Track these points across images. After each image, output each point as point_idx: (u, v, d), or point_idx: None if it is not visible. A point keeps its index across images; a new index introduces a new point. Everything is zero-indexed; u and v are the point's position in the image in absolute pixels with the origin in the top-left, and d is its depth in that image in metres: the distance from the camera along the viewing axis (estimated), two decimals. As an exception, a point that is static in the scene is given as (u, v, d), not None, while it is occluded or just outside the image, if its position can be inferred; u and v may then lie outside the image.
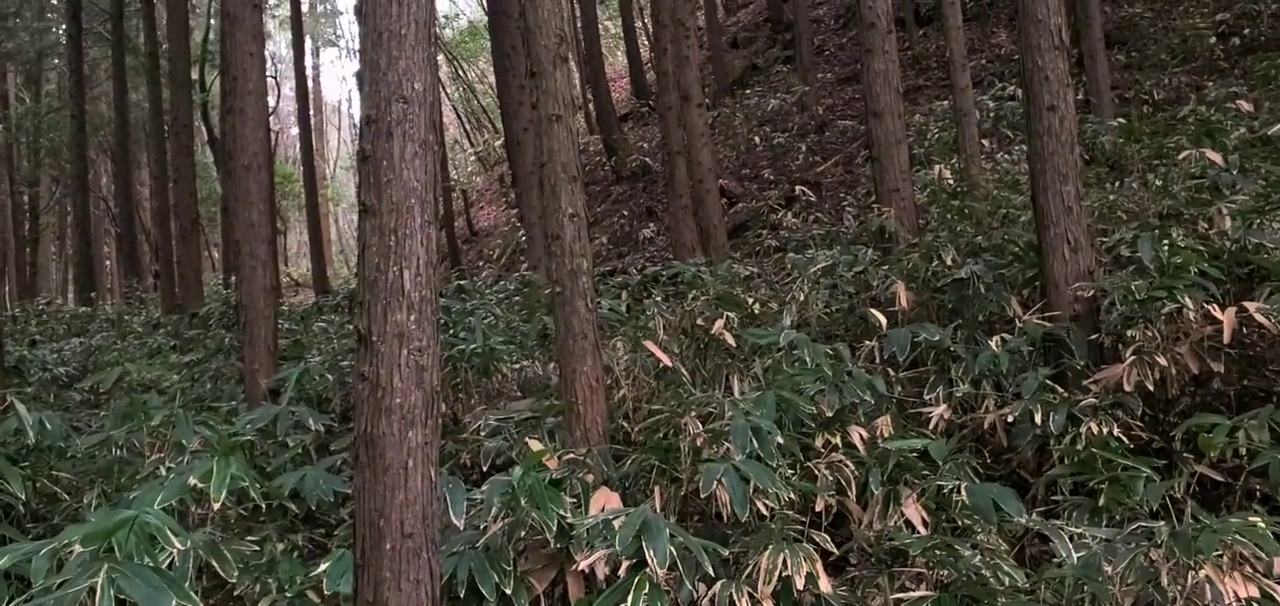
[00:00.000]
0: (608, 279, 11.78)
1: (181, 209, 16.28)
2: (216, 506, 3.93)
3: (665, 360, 6.04)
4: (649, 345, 6.16)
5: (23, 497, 4.35)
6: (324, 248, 26.21)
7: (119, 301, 24.17)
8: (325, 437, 7.05)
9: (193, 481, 3.93)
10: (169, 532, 3.29)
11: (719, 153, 18.40)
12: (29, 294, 26.96)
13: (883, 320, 6.07)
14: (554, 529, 4.43)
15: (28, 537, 5.19)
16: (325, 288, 23.40)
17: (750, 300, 6.90)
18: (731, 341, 6.19)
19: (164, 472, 5.08)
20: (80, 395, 10.27)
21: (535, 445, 5.43)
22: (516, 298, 10.80)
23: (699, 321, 6.58)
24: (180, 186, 16.25)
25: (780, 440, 4.72)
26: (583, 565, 4.38)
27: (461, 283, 11.93)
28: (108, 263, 35.17)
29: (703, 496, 4.63)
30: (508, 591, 4.39)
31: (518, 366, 7.99)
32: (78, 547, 3.24)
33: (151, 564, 3.25)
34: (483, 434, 6.28)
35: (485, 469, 5.93)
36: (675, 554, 3.95)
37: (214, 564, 3.96)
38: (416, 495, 3.53)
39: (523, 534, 4.68)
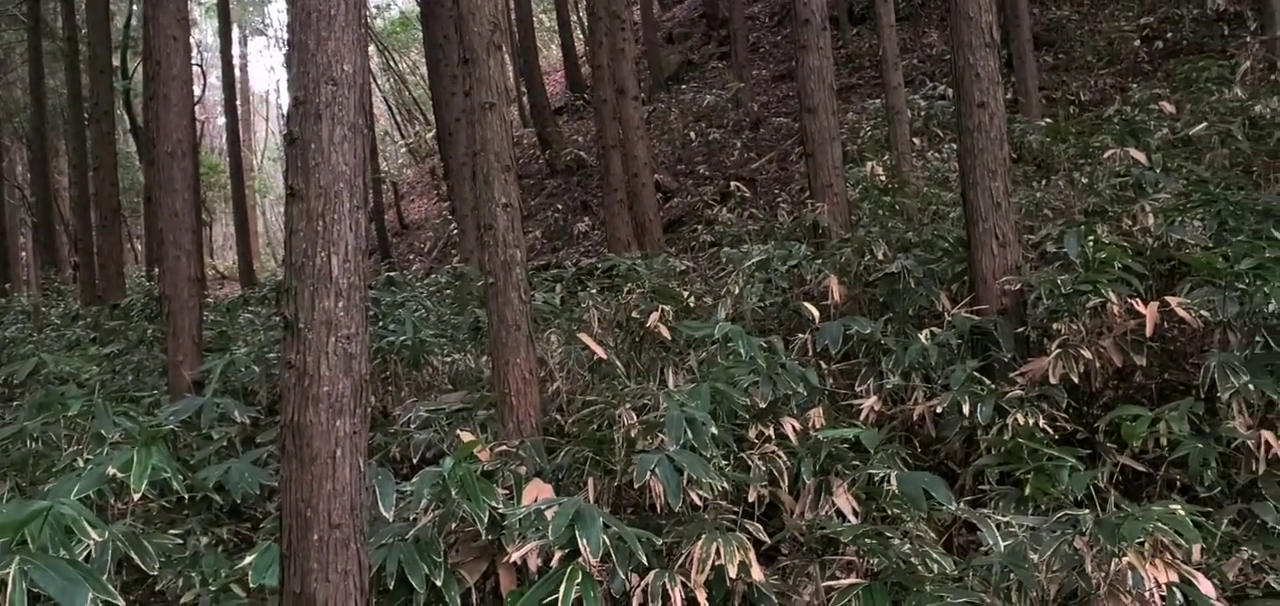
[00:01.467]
0: (542, 273, 11.71)
1: (102, 198, 15.84)
2: (137, 497, 3.81)
3: (600, 352, 6.01)
4: (583, 337, 6.13)
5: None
6: (250, 240, 25.69)
7: (35, 293, 23.42)
8: (251, 430, 6.90)
9: (112, 471, 3.80)
10: (86, 524, 3.18)
11: (655, 148, 18.42)
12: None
13: (816, 313, 6.11)
14: (485, 520, 4.38)
15: (-65, 533, 4.98)
16: (251, 280, 22.95)
17: (685, 294, 6.91)
18: (667, 334, 6.18)
19: (81, 465, 4.92)
20: (-6, 387, 9.93)
21: (466, 437, 5.37)
22: (448, 291, 10.68)
23: (634, 314, 6.57)
24: (101, 175, 15.80)
25: (714, 431, 4.72)
26: (515, 556, 4.33)
27: (392, 274, 11.78)
28: (23, 254, 34.08)
29: (636, 487, 4.61)
30: (438, 583, 4.33)
31: (449, 359, 7.90)
32: (-12, 539, 3.12)
33: (67, 556, 3.15)
34: (413, 426, 6.20)
35: (415, 461, 5.86)
36: (608, 543, 3.93)
37: (134, 556, 3.84)
38: (345, 485, 3.46)
39: (454, 525, 4.62)
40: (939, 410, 5.34)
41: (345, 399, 3.40)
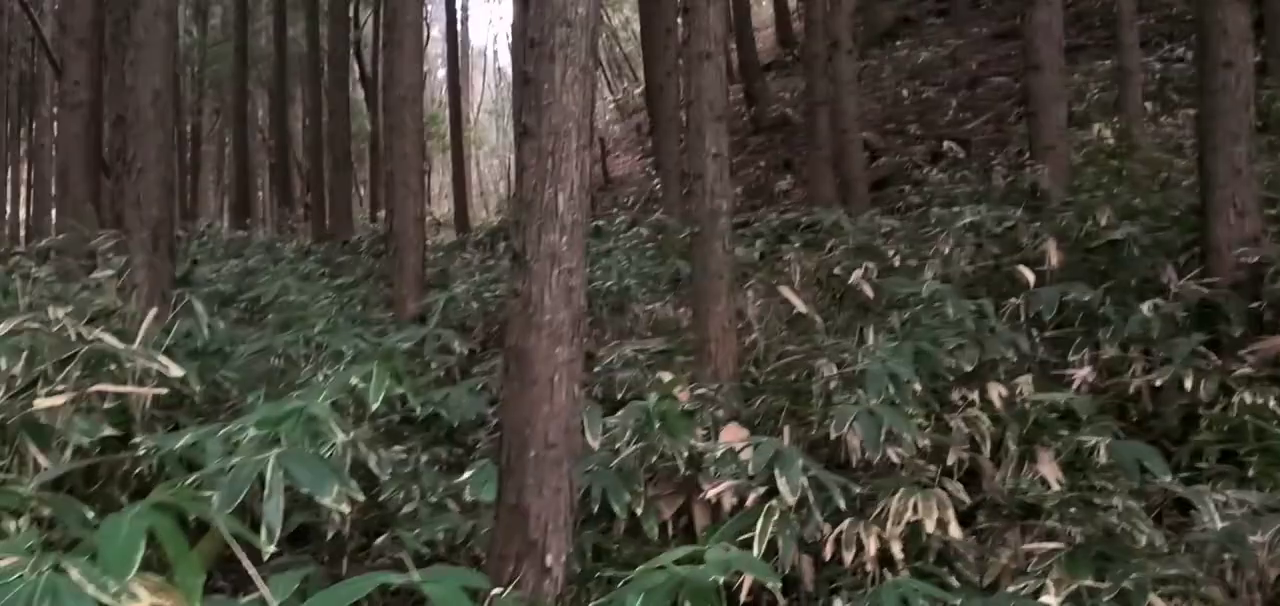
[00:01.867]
0: (742, 229, 11.79)
1: (335, 141, 16.94)
2: (373, 407, 4.16)
3: (800, 306, 6.06)
4: (784, 290, 6.18)
5: (199, 389, 4.68)
6: (466, 188, 26.87)
7: (272, 229, 25.30)
8: (467, 362, 7.32)
9: (353, 381, 4.16)
10: (333, 424, 3.52)
11: (864, 105, 18.10)
12: (189, 218, 28.48)
13: (1031, 278, 5.94)
14: (685, 456, 4.54)
15: (197, 430, 5.55)
16: (465, 227, 24.02)
17: (890, 253, 6.84)
18: (869, 292, 6.16)
19: (321, 379, 5.38)
20: (236, 312, 10.87)
21: (667, 378, 5.54)
22: (650, 243, 10.92)
23: (836, 271, 6.57)
24: (334, 119, 16.89)
25: (917, 388, 4.71)
26: (710, 493, 4.47)
27: (598, 223, 12.12)
28: (261, 193, 36.79)
29: (833, 438, 4.67)
30: (638, 512, 4.53)
31: (649, 308, 8.12)
32: (251, 433, 3.49)
33: (315, 453, 3.48)
34: (616, 366, 6.43)
35: (619, 399, 6.08)
36: (806, 485, 4.01)
37: (370, 463, 4.18)
38: (560, 408, 3.67)
39: (654, 460, 4.80)
40: (1158, 385, 5.13)
41: (564, 327, 3.60)
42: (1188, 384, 4.95)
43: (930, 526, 4.12)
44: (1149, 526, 4.05)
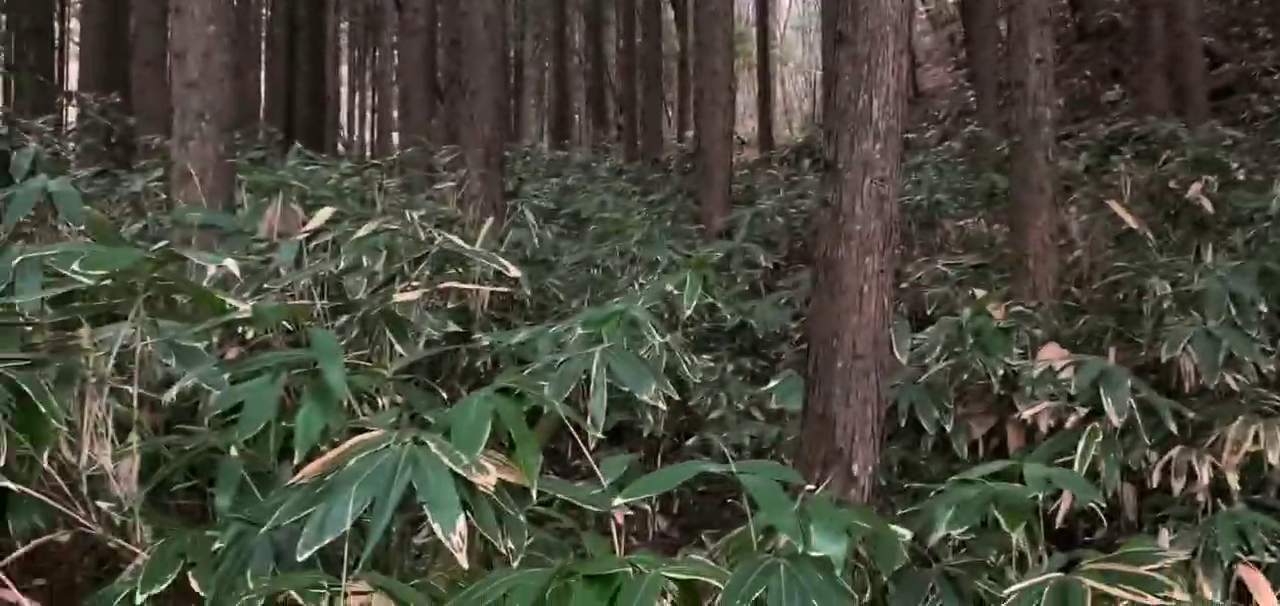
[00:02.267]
0: (1064, 141, 11.07)
1: (647, 62, 17.43)
2: (687, 313, 4.34)
3: (1130, 221, 5.67)
4: (1112, 204, 5.80)
5: (529, 293, 5.07)
6: (770, 107, 26.87)
7: (587, 149, 26.50)
8: (772, 275, 7.43)
9: (668, 287, 4.37)
10: (650, 327, 3.72)
11: (1204, 6, 16.37)
12: (512, 140, 30.32)
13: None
14: (999, 374, 4.42)
15: (527, 331, 6.02)
16: (769, 145, 24.07)
17: (1233, 165, 6.24)
18: (1208, 208, 5.67)
19: (637, 288, 5.66)
20: (557, 227, 11.55)
21: (980, 294, 5.38)
22: (962, 157, 10.51)
23: (1171, 185, 6.08)
24: (647, 40, 17.37)
25: (1263, 309, 4.31)
26: (1026, 414, 4.34)
27: (908, 136, 11.79)
28: (577, 115, 38.49)
29: (1164, 361, 4.38)
30: (947, 429, 4.47)
31: (960, 224, 7.86)
32: (577, 332, 3.76)
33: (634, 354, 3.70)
34: (925, 282, 6.31)
35: (927, 315, 5.97)
36: (1133, 408, 3.80)
37: (683, 367, 4.38)
38: (869, 319, 3.68)
39: (965, 377, 4.71)
40: None
41: (875, 237, 3.59)
42: None
43: (1273, 458, 3.80)
44: None
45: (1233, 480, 3.84)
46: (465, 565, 2.11)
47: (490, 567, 2.36)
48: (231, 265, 2.73)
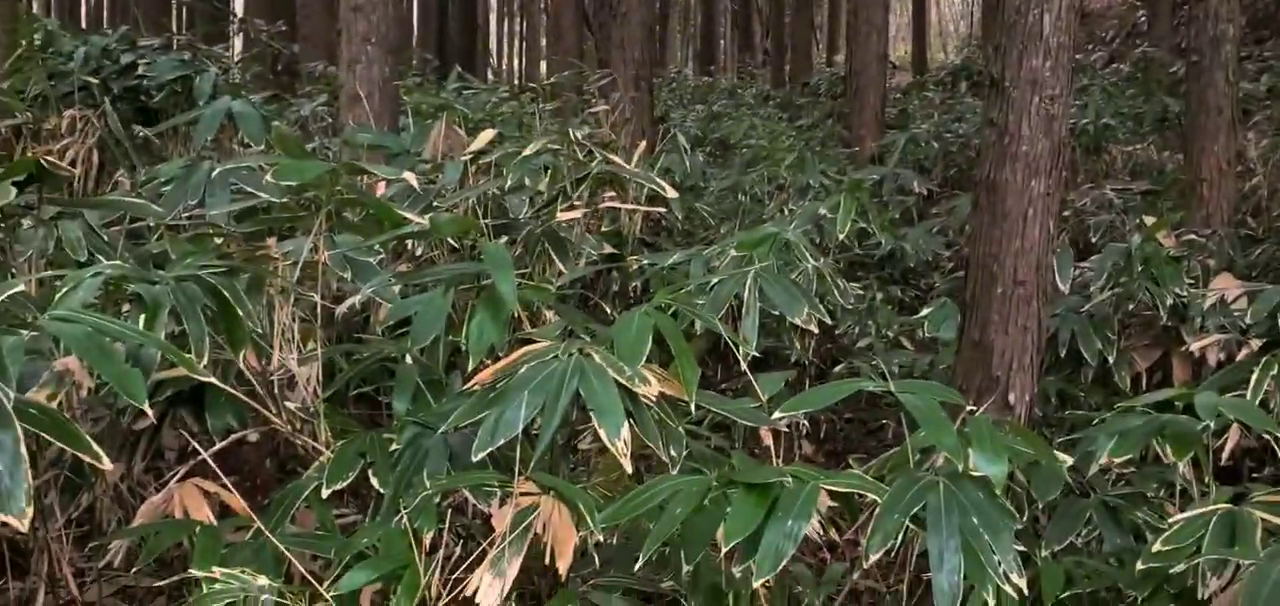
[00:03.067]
0: (1245, 62, 10.40)
1: (795, -16, 17.08)
2: (841, 235, 4.31)
3: (1319, 145, 5.32)
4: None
5: (680, 218, 5.11)
6: (925, 28, 26.00)
7: (733, 75, 26.23)
8: (926, 203, 7.28)
9: (821, 211, 4.34)
10: (803, 249, 3.71)
11: None
12: (659, 65, 30.24)
13: None
14: (1167, 304, 4.25)
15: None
16: (923, 69, 23.34)
17: None
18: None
19: (786, 214, 5.64)
20: (704, 153, 11.53)
21: (1150, 221, 5.15)
22: (1130, 81, 9.99)
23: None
24: (795, -38, 17.00)
25: None
26: (1194, 347, 4.17)
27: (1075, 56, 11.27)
28: (723, 39, 38.07)
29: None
30: (1109, 360, 4.33)
31: (1128, 149, 7.51)
32: (730, 254, 3.78)
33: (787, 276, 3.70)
34: (1089, 209, 6.08)
35: (1092, 243, 5.76)
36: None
37: (835, 292, 4.36)
38: (1032, 245, 3.60)
39: (1130, 308, 4.54)
40: None
41: (1042, 159, 3.49)
42: None
43: None
44: None
45: None
46: (629, 470, 2.18)
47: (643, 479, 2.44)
48: (411, 177, 2.85)
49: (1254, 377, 3.59)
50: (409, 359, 2.80)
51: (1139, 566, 2.47)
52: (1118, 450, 2.92)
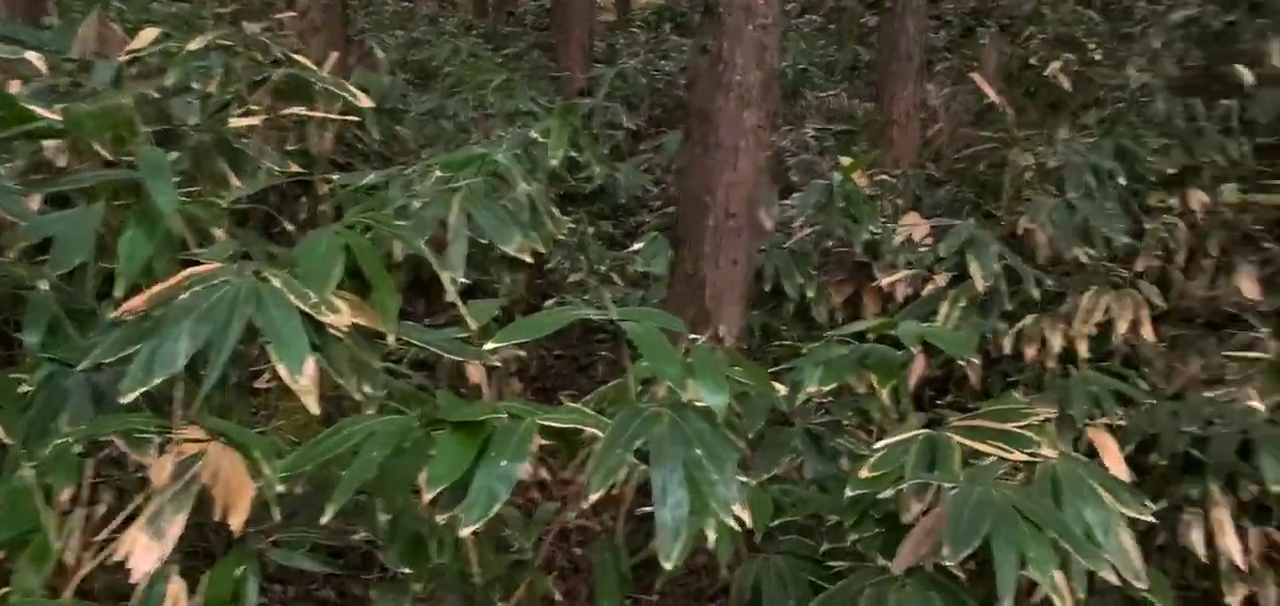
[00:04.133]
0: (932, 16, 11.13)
1: (501, -86, 16.64)
2: (554, 163, 4.11)
3: (991, 95, 5.69)
4: (975, 78, 5.82)
5: (378, 138, 4.72)
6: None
7: (434, 3, 25.37)
8: (633, 139, 7.23)
9: (533, 134, 4.13)
10: (516, 174, 3.48)
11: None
12: (357, -10, 28.74)
13: (1251, 78, 5.41)
14: (862, 241, 4.39)
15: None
16: (628, 7, 23.55)
17: (1091, 45, 6.34)
18: (1067, 85, 5.74)
19: (495, 137, 5.37)
20: (405, 79, 10.98)
21: (846, 162, 5.34)
22: (823, 30, 10.45)
23: (1032, 62, 6.15)
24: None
25: (1124, 182, 4.39)
26: (884, 282, 4.33)
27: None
28: (426, -31, 36.80)
29: (1020, 233, 4.44)
30: (809, 295, 4.44)
31: (822, 96, 7.82)
32: (433, 176, 3.48)
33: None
34: (790, 150, 6.24)
35: (793, 181, 5.91)
36: (999, 274, 3.82)
37: (548, 223, 4.17)
38: (744, 177, 3.57)
39: (829, 244, 4.67)
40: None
41: (754, 90, 3.45)
42: None
43: (1123, 328, 3.91)
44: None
45: (1082, 349, 3.93)
46: (316, 412, 1.89)
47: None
48: (34, 57, 2.36)
49: (943, 310, 3.77)
50: (45, 285, 2.32)
51: (847, 493, 2.47)
52: (825, 379, 2.93)
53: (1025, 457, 2.45)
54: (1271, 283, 4.36)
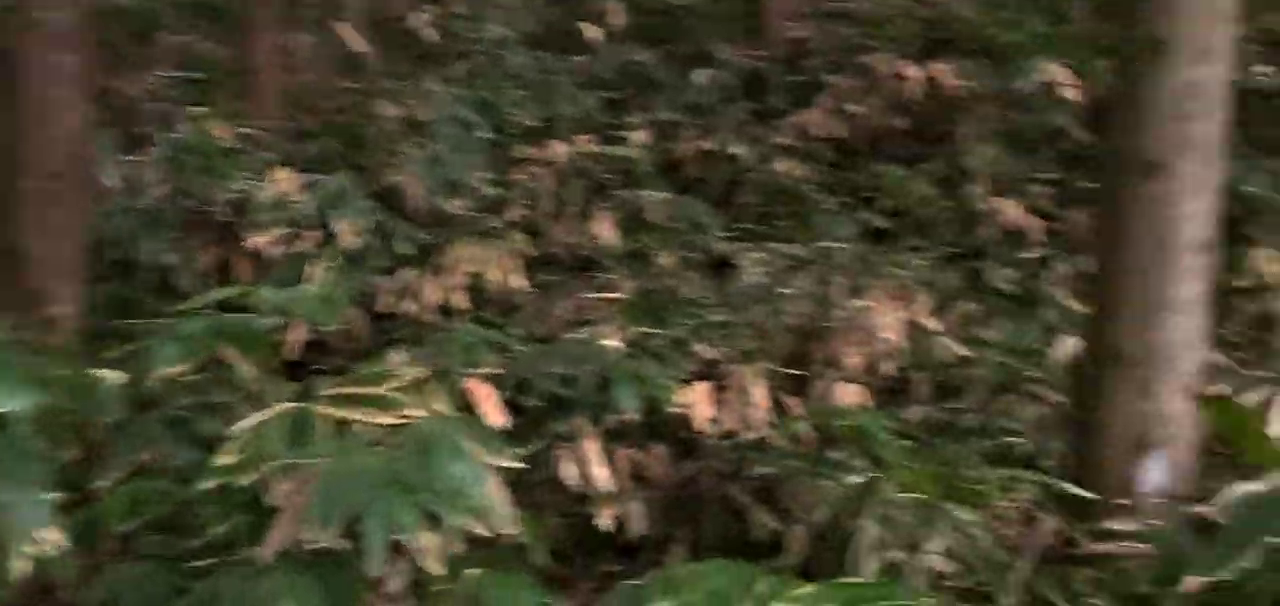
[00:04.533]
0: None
1: None
2: None
3: (357, 44, 5.57)
4: (339, 28, 5.65)
5: None
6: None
7: None
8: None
9: None
10: None
11: None
12: None
13: (597, 36, 5.91)
14: (225, 199, 4.04)
15: None
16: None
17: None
18: (435, 37, 5.81)
19: None
20: None
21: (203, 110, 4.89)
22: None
23: (396, 12, 6.14)
24: None
25: (486, 134, 4.51)
26: (252, 243, 4.03)
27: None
28: None
29: (392, 185, 4.39)
30: (170, 262, 3.98)
31: (178, 40, 7.11)
32: None
33: None
34: (141, 100, 5.58)
35: (142, 135, 5.28)
36: (368, 231, 3.71)
37: None
38: (65, 133, 3.04)
39: (190, 204, 4.22)
40: (708, 149, 5.36)
41: (68, 31, 2.94)
42: (734, 150, 5.23)
43: (495, 277, 4.03)
44: (698, 278, 4.25)
45: (458, 300, 3.99)
46: None
47: None
48: None
49: (313, 271, 3.57)
50: None
51: (201, 484, 2.20)
52: (177, 358, 2.61)
53: (396, 420, 2.35)
54: (625, 227, 4.78)
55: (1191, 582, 1.52)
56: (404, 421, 2.34)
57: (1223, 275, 4.28)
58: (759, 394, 3.66)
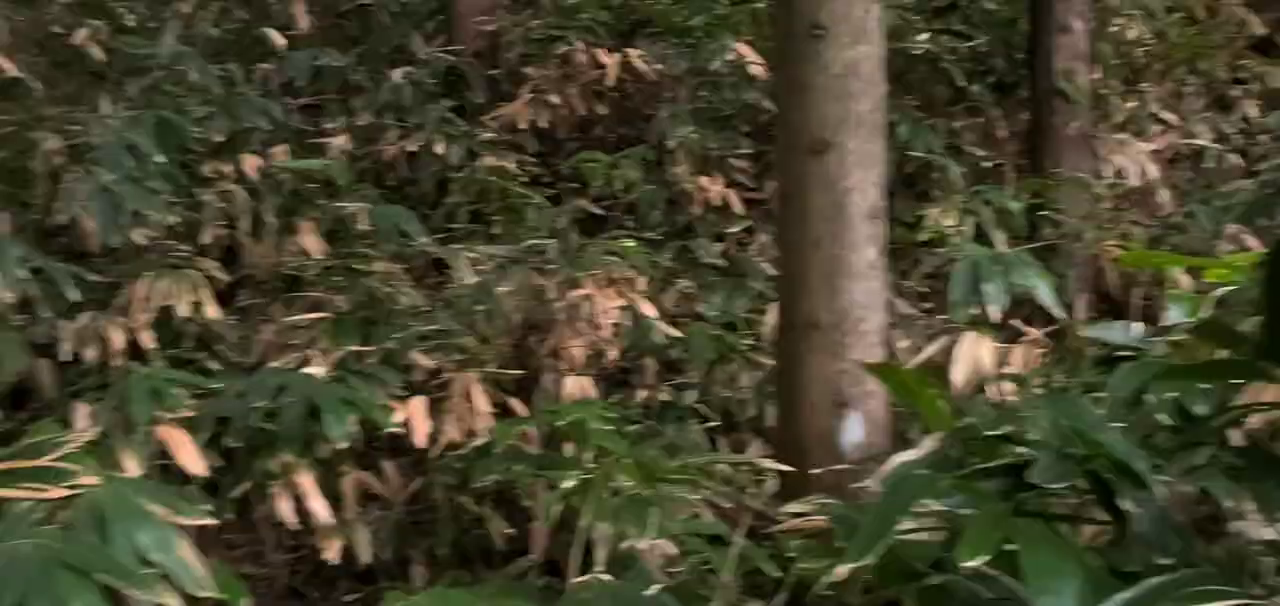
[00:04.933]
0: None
1: None
2: None
3: (11, 69, 5.01)
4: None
5: None
6: None
7: None
8: None
9: None
10: None
11: None
12: None
13: (282, 41, 5.61)
14: None
15: None
16: None
17: (122, 10, 5.97)
18: (101, 55, 5.32)
19: None
20: None
21: None
22: None
23: (57, 28, 5.59)
24: None
25: (162, 159, 4.18)
26: None
27: None
28: None
29: (64, 221, 4.00)
30: None
31: None
32: None
33: None
34: None
35: None
36: (28, 279, 3.35)
37: None
38: None
39: None
40: (411, 150, 5.25)
41: None
42: (439, 149, 5.14)
43: (183, 309, 3.76)
44: (410, 287, 4.15)
45: (146, 339, 3.69)
46: None
47: None
48: None
49: (-33, 328, 3.19)
50: None
51: None
52: None
53: (66, 492, 2.12)
54: (330, 239, 4.57)
55: (840, 571, 1.58)
56: (75, 492, 2.12)
57: (905, 232, 4.67)
58: (480, 400, 3.62)
